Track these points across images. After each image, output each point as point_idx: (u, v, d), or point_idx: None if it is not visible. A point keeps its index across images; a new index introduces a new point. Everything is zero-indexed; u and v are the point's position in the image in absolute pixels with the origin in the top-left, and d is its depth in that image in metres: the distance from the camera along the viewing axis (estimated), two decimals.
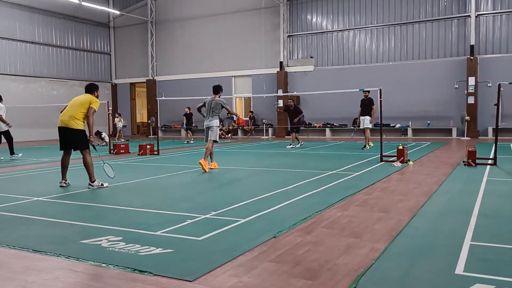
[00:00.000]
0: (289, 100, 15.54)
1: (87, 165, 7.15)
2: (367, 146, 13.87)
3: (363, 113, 13.55)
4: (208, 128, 9.34)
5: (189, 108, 19.97)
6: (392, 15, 20.93)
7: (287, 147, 15.00)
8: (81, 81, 26.65)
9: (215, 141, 9.41)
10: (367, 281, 3.02)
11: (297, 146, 15.00)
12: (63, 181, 7.40)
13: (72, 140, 7.20)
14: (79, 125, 7.14)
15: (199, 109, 9.72)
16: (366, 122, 13.56)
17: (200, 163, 8.96)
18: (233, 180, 7.99)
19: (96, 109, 7.19)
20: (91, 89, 7.52)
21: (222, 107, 9.37)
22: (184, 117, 20.28)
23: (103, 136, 17.63)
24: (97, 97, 7.46)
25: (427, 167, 9.17)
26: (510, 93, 16.82)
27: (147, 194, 6.61)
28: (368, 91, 13.36)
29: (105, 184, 7.26)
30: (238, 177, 8.33)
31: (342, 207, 5.40)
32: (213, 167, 9.36)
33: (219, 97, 9.45)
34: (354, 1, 21.70)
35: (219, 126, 9.62)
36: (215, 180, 7.95)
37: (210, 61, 24.91)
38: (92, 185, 7.14)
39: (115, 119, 21.92)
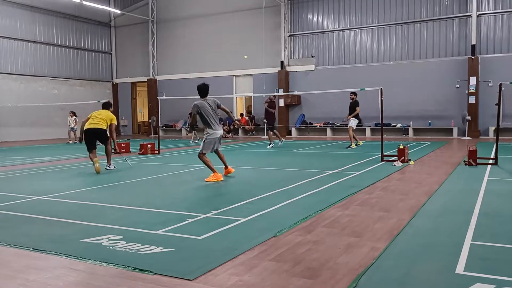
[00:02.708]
0: (270, 97, 15.48)
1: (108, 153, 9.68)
2: (352, 145, 14.24)
3: (350, 115, 14.34)
4: (219, 137, 7.73)
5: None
6: (393, 14, 20.92)
7: (279, 144, 15.06)
8: (82, 80, 26.74)
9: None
10: (368, 280, 3.02)
11: (268, 147, 14.94)
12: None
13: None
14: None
15: (194, 123, 7.88)
16: (350, 122, 14.21)
17: (227, 173, 8.01)
18: (233, 179, 7.99)
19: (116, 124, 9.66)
20: (107, 106, 9.93)
21: (219, 107, 7.79)
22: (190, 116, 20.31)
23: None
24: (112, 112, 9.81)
25: (428, 167, 9.16)
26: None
27: (147, 193, 6.61)
28: (355, 94, 14.04)
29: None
30: (239, 176, 8.32)
31: (343, 206, 5.40)
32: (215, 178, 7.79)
33: None
34: (355, 1, 21.68)
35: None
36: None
37: (211, 60, 24.91)
38: (109, 167, 9.46)
39: (69, 118, 20.23)
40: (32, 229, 4.56)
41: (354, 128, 14.36)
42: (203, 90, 7.69)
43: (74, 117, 20.17)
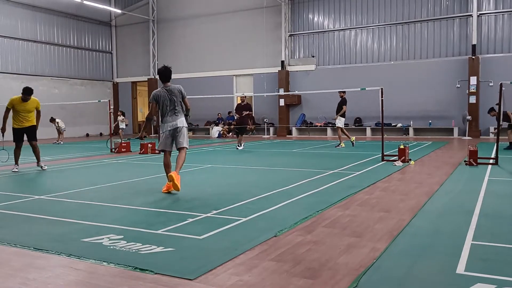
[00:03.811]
0: (242, 97, 15.04)
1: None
2: (341, 144, 14.33)
3: (337, 113, 14.43)
4: (176, 129, 6.53)
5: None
6: (394, 14, 20.91)
7: (238, 148, 14.61)
8: (83, 80, 26.73)
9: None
10: (368, 280, 3.02)
11: (240, 148, 14.51)
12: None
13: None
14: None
15: (151, 116, 6.75)
16: (337, 121, 14.35)
17: (171, 176, 6.18)
18: (233, 179, 7.99)
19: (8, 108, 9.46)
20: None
21: (182, 96, 6.64)
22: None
23: None
24: (23, 99, 9.34)
25: (428, 167, 9.15)
26: None
27: (148, 193, 6.60)
28: (344, 92, 14.17)
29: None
30: (239, 176, 8.32)
31: (343, 206, 5.39)
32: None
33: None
34: (355, 1, 21.67)
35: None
36: (215, 179, 7.95)
37: (211, 60, 24.93)
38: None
39: (56, 121, 20.02)
40: (33, 228, 4.56)
41: (343, 127, 14.39)
42: (162, 73, 6.59)
43: (57, 121, 20.21)
